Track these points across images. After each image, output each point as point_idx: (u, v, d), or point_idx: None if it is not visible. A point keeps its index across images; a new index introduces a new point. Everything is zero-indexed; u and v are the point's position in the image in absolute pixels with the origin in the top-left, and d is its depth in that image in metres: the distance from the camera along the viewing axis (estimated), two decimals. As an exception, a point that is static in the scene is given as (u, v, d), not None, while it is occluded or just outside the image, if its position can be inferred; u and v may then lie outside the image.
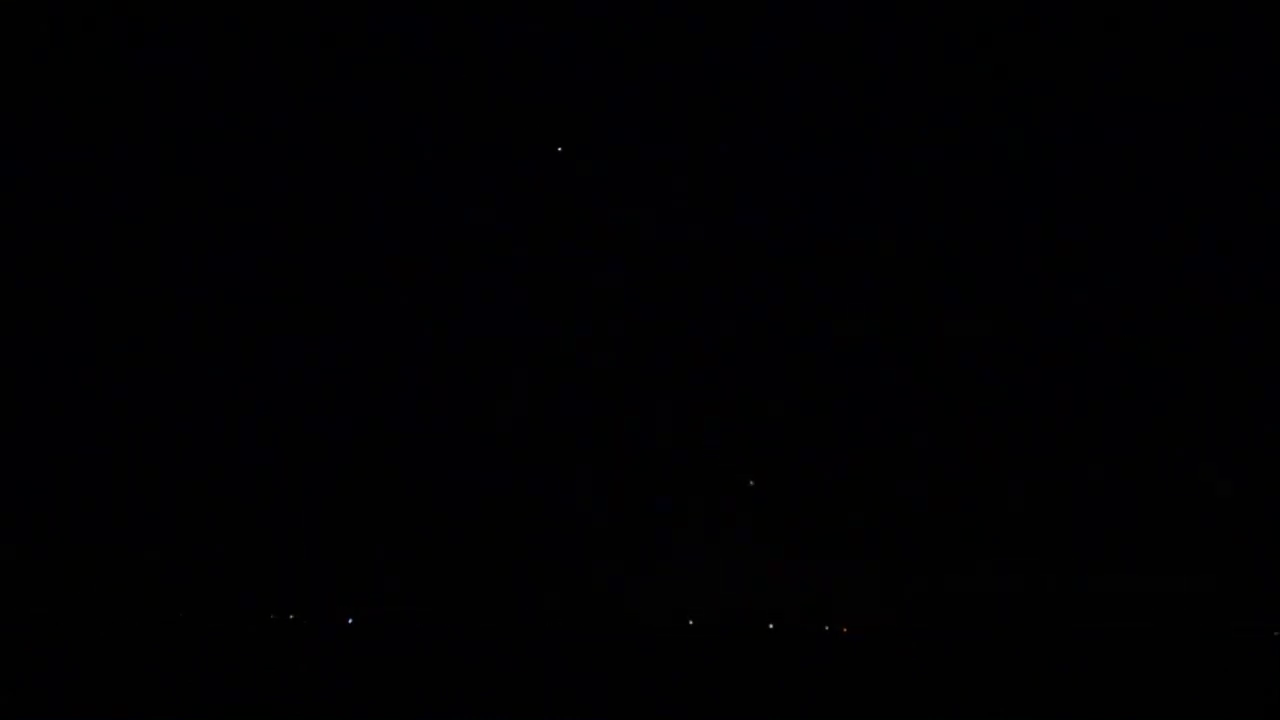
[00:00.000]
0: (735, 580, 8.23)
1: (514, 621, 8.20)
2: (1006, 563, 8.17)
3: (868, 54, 8.38)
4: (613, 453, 8.32)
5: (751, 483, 8.22)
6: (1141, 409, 8.23)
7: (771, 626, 8.18)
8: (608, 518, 8.30)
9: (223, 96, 8.40)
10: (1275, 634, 8.01)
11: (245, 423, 8.32)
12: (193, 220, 8.40)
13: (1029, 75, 8.33)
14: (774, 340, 8.36)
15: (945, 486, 8.24)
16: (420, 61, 8.42)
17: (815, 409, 8.32)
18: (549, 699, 7.98)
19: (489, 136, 8.42)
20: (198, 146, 8.40)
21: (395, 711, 7.96)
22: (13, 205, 8.38)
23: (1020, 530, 8.18)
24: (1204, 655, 7.98)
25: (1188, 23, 8.27)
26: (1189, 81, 8.28)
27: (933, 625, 8.14)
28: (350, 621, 8.21)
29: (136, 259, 8.38)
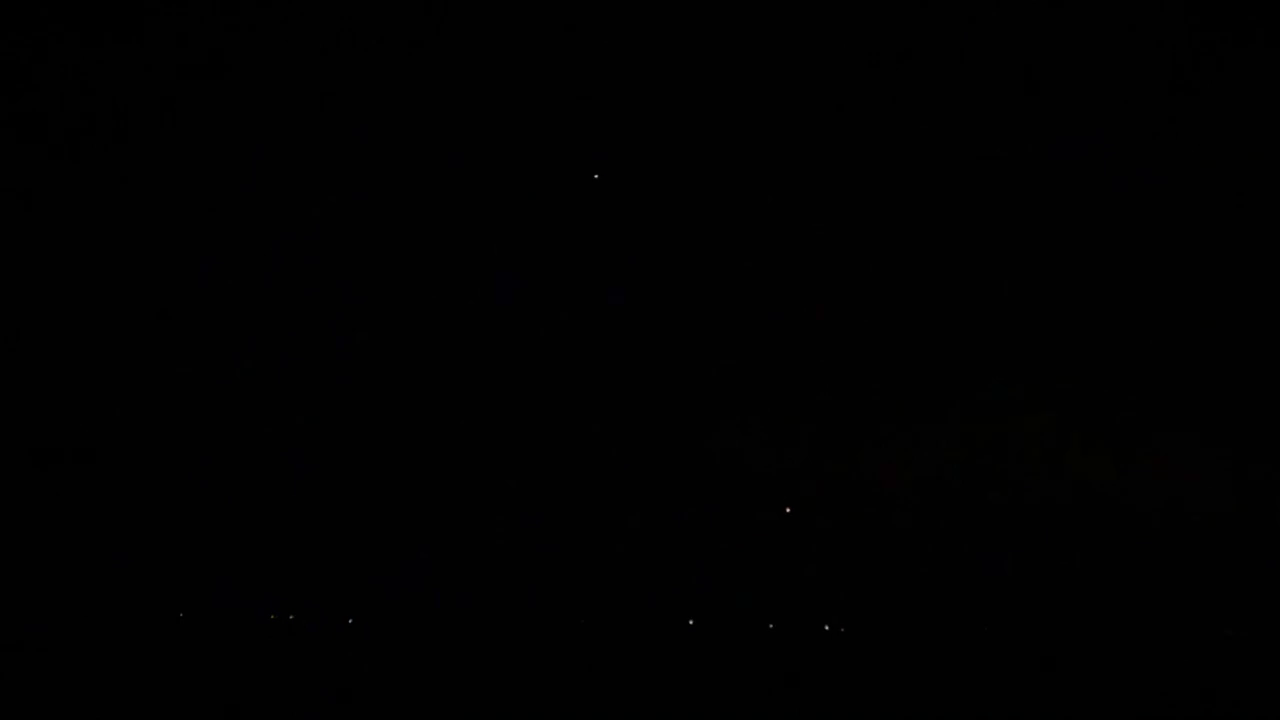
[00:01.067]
0: (735, 580, 8.23)
1: (514, 621, 8.21)
2: (1006, 562, 8.17)
3: (868, 53, 8.38)
4: (613, 453, 8.32)
5: (788, 509, 8.23)
6: (1141, 408, 8.23)
7: (771, 626, 8.18)
8: (607, 518, 8.29)
9: (223, 96, 8.40)
10: (1270, 633, 8.02)
11: (245, 422, 8.33)
12: (193, 220, 8.40)
13: (1029, 75, 8.34)
14: (774, 340, 8.35)
15: (945, 486, 8.24)
16: (421, 61, 8.42)
17: (815, 408, 8.32)
18: (549, 699, 7.99)
19: (489, 136, 8.42)
20: (198, 146, 8.40)
21: (395, 711, 7.97)
22: (13, 205, 8.39)
23: (1020, 531, 8.18)
24: (1204, 655, 7.98)
25: (1188, 22, 8.28)
26: (1189, 82, 8.28)
27: (933, 625, 8.14)
28: (350, 621, 8.22)
29: (136, 259, 8.39)
